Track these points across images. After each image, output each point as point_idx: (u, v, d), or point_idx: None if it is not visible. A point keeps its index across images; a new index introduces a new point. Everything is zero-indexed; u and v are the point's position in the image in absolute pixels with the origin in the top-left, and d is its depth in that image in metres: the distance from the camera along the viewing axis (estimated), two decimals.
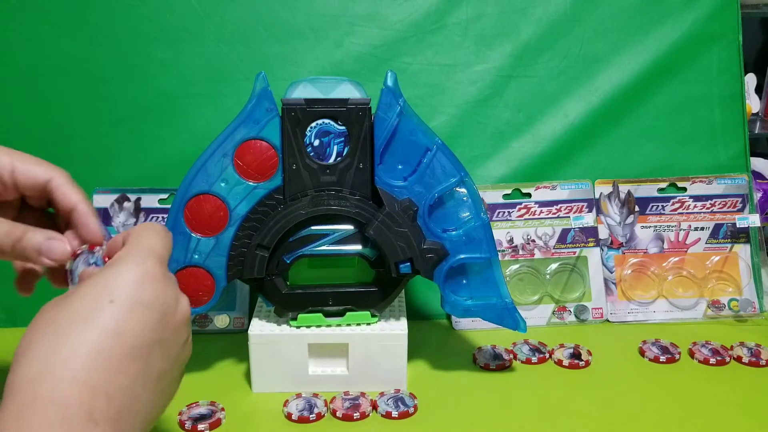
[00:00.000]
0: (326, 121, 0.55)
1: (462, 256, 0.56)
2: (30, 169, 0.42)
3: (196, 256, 0.55)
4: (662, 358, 0.63)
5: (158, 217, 0.72)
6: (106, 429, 0.31)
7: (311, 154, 0.56)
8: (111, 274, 0.35)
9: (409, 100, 0.76)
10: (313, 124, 0.55)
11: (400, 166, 0.56)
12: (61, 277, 0.42)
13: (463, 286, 0.57)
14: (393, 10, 0.76)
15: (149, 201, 0.72)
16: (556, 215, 0.73)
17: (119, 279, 0.35)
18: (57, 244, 0.40)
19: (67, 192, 0.41)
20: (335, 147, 0.56)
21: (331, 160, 0.56)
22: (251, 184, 0.55)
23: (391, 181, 0.55)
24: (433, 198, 0.56)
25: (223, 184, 0.54)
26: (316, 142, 0.56)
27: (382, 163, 0.55)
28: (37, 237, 0.40)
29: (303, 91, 0.55)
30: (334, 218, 0.56)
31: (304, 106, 0.55)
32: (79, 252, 0.40)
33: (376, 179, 0.55)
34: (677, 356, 0.63)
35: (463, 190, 0.57)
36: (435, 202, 0.56)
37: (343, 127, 0.55)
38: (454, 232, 0.56)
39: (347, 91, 0.55)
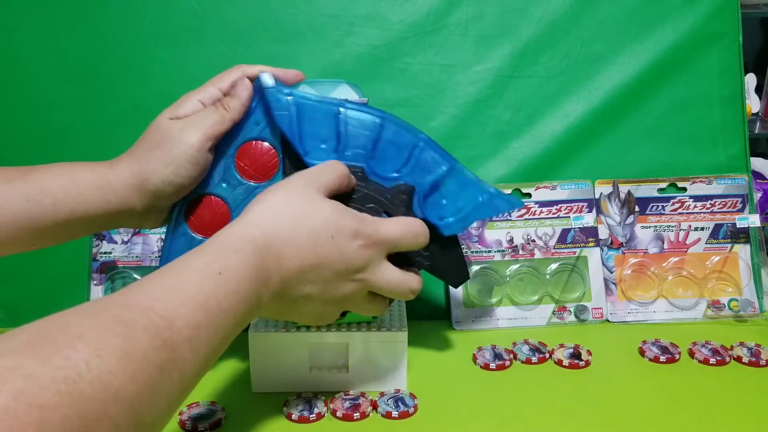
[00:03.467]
0: None
1: (428, 179, 0.55)
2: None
3: None
4: (662, 358, 0.63)
5: None
6: (267, 297, 0.43)
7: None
8: (345, 217, 0.47)
9: (408, 100, 0.77)
10: None
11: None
12: None
13: (445, 206, 0.56)
14: (393, 10, 0.76)
15: None
16: (556, 215, 0.73)
17: (345, 226, 0.46)
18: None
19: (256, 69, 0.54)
20: None
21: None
22: (253, 184, 0.55)
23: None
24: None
25: (224, 185, 0.54)
26: None
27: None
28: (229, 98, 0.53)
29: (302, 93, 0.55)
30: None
31: None
32: None
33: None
34: (677, 356, 0.63)
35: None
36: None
37: None
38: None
39: (345, 92, 0.56)
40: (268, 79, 0.53)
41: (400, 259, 0.54)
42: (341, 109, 0.53)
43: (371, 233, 0.47)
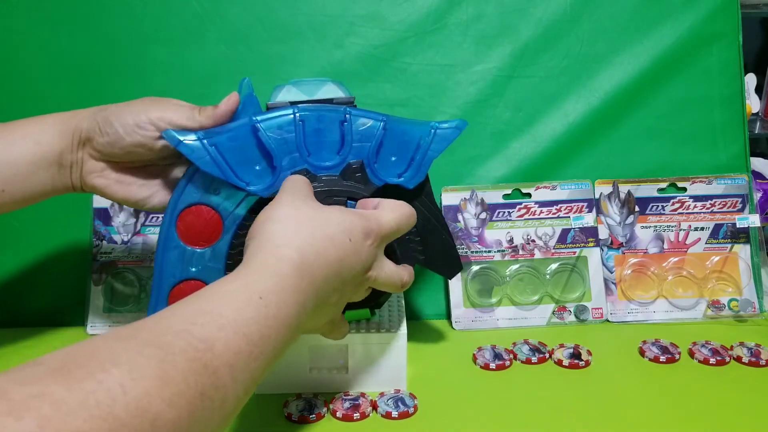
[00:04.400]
0: None
1: (369, 145, 0.54)
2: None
3: (193, 269, 0.54)
4: (662, 358, 0.63)
5: (158, 218, 0.72)
6: (306, 317, 0.42)
7: None
8: (355, 219, 0.46)
9: (409, 100, 0.77)
10: None
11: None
12: None
13: (396, 162, 0.55)
14: (393, 10, 0.76)
15: None
16: (556, 215, 0.73)
17: (357, 228, 0.46)
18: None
19: None
20: None
21: None
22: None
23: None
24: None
25: (214, 196, 0.54)
26: None
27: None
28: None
29: (287, 94, 0.55)
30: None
31: None
32: None
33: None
34: (677, 356, 0.63)
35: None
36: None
37: None
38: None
39: (331, 91, 0.56)
40: (174, 136, 0.51)
41: (396, 254, 0.54)
42: (257, 124, 0.52)
43: (377, 229, 0.47)
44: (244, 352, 0.35)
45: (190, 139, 0.51)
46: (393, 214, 0.49)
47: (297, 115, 0.53)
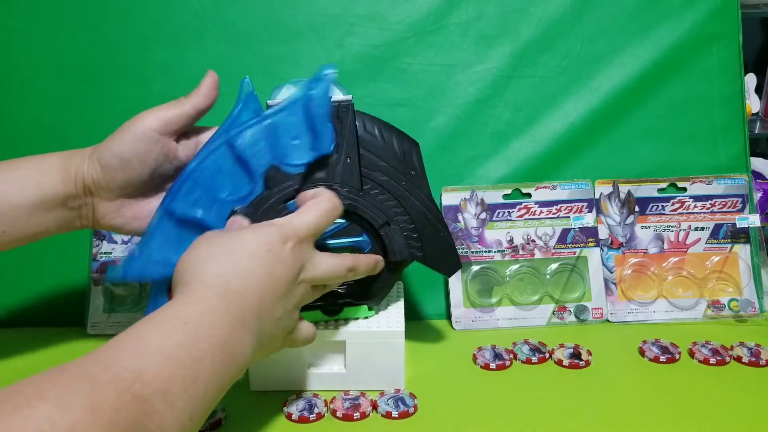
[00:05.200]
0: None
1: (270, 147, 0.54)
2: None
3: None
4: (662, 358, 0.63)
5: None
6: (249, 336, 0.41)
7: None
8: (268, 230, 0.46)
9: (408, 101, 0.77)
10: None
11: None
12: None
13: (300, 145, 0.55)
14: (393, 10, 0.76)
15: None
16: (556, 215, 0.73)
17: (273, 236, 0.45)
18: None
19: None
20: None
21: None
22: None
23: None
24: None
25: None
26: None
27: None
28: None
29: (287, 93, 0.56)
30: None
31: None
32: None
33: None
34: (677, 356, 0.63)
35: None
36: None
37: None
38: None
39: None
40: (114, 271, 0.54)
41: (385, 248, 0.56)
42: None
43: (292, 232, 0.47)
44: (178, 376, 0.35)
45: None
46: (308, 214, 0.49)
47: (195, 166, 0.53)
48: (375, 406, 0.55)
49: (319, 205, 0.49)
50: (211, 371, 0.37)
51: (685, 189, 0.74)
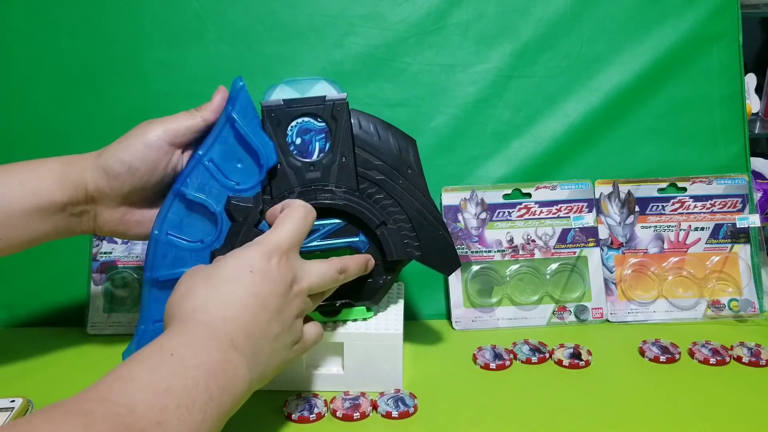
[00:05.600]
0: (306, 119, 0.56)
1: (213, 184, 0.55)
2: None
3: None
4: (662, 358, 0.63)
5: None
6: (242, 358, 0.41)
7: (294, 153, 0.56)
8: (249, 251, 0.45)
9: (408, 100, 0.77)
10: (294, 123, 0.56)
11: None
12: None
13: (244, 165, 0.55)
14: (393, 10, 0.76)
15: None
16: (556, 215, 0.73)
17: (254, 256, 0.45)
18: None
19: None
20: (317, 144, 0.57)
21: (314, 157, 0.56)
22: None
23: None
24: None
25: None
26: (298, 141, 0.56)
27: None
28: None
29: (281, 93, 0.56)
30: (323, 213, 0.56)
31: (283, 107, 0.56)
32: None
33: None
34: (677, 356, 0.63)
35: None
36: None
37: (323, 124, 0.56)
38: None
39: (324, 89, 0.56)
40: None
41: (383, 249, 0.56)
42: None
43: (275, 247, 0.46)
44: (171, 406, 0.35)
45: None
46: (285, 225, 0.48)
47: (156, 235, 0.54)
48: (375, 406, 0.55)
49: (293, 214, 0.49)
50: (206, 398, 0.38)
51: (685, 189, 0.74)
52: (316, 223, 0.56)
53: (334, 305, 0.58)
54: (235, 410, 0.41)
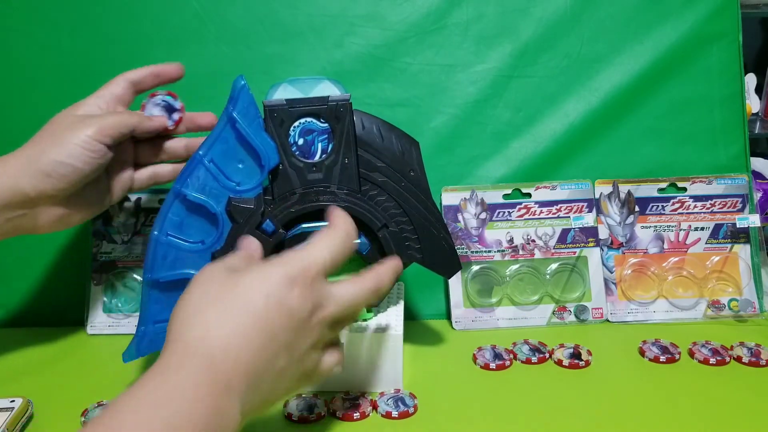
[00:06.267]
0: (309, 119, 0.56)
1: (214, 185, 0.55)
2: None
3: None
4: (662, 358, 0.63)
5: None
6: (235, 400, 0.38)
7: (297, 153, 0.56)
8: (271, 271, 0.41)
9: (408, 100, 0.77)
10: (296, 124, 0.56)
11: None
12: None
13: (246, 165, 0.55)
14: (393, 10, 0.76)
15: (149, 201, 0.72)
16: (556, 215, 0.73)
17: (275, 279, 0.41)
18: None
19: (136, 73, 0.60)
20: (320, 144, 0.56)
21: (317, 158, 0.56)
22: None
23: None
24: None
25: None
26: (301, 141, 0.56)
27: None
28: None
29: (283, 92, 0.56)
30: (324, 214, 0.56)
31: (285, 107, 0.55)
32: (158, 93, 0.60)
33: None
34: (677, 356, 0.63)
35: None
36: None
37: (326, 124, 0.56)
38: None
39: (327, 89, 0.56)
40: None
41: (385, 253, 0.56)
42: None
43: (302, 271, 0.41)
44: None
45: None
46: (322, 246, 0.43)
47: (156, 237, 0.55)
48: (375, 406, 0.55)
49: (333, 235, 0.44)
50: None
51: (685, 189, 0.74)
52: (316, 224, 0.56)
53: None
54: None
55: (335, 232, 0.45)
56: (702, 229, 0.73)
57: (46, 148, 0.53)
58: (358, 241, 0.56)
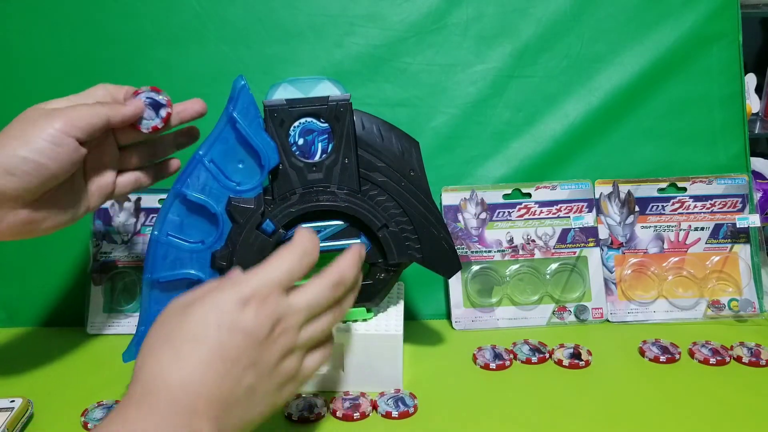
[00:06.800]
0: (309, 119, 0.56)
1: (214, 185, 0.55)
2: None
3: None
4: (662, 358, 0.63)
5: None
6: (208, 422, 0.38)
7: (297, 153, 0.56)
8: (223, 298, 0.40)
9: (408, 100, 0.77)
10: (296, 124, 0.56)
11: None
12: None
13: (246, 165, 0.55)
14: (393, 10, 0.76)
15: (149, 201, 0.72)
16: (556, 215, 0.73)
17: (227, 305, 0.40)
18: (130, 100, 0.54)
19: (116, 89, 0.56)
20: (320, 144, 0.56)
21: (317, 158, 0.56)
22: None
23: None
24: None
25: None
26: (301, 141, 0.56)
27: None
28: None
29: (283, 92, 0.56)
30: (324, 214, 0.56)
31: (285, 107, 0.55)
32: (141, 90, 0.55)
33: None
34: (677, 356, 0.63)
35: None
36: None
37: (326, 124, 0.56)
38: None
39: (327, 89, 0.56)
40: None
41: (386, 253, 0.56)
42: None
43: (253, 291, 0.41)
44: None
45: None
46: (276, 264, 0.42)
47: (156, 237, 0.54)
48: (375, 406, 0.55)
49: (291, 250, 0.43)
50: None
51: (685, 189, 0.74)
52: (317, 224, 0.56)
53: None
54: None
55: (292, 248, 0.43)
56: (702, 229, 0.73)
57: (9, 144, 0.47)
58: (339, 222, 0.56)
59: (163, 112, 0.55)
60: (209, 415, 0.38)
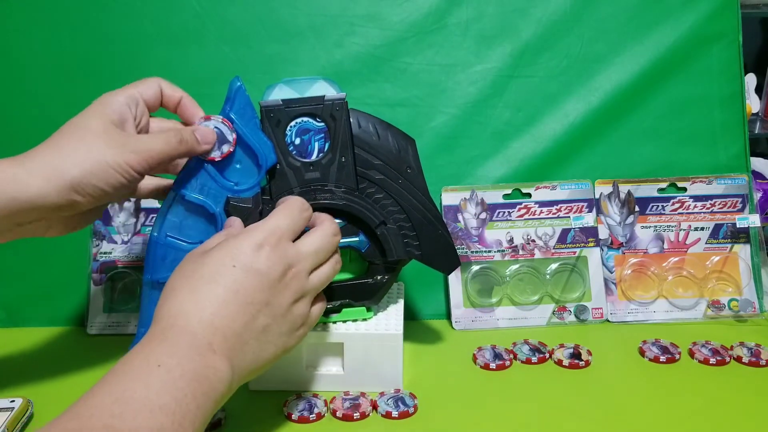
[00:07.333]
0: (305, 119, 0.56)
1: (213, 185, 0.54)
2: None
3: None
4: (662, 358, 0.63)
5: None
6: (222, 358, 0.41)
7: (294, 153, 0.56)
8: (237, 242, 0.45)
9: (408, 100, 0.77)
10: (293, 123, 0.56)
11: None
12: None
13: (244, 166, 0.55)
14: (393, 10, 0.76)
15: (149, 201, 0.72)
16: (556, 215, 0.73)
17: (242, 248, 0.44)
18: (202, 129, 0.53)
19: (171, 89, 0.56)
20: (316, 144, 0.56)
21: (314, 157, 0.56)
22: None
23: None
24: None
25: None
26: (297, 141, 0.56)
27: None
28: (187, 129, 0.52)
29: (279, 93, 0.56)
30: (323, 213, 0.56)
31: (282, 107, 0.56)
32: (211, 118, 0.54)
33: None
34: (677, 356, 0.63)
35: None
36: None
37: (322, 124, 0.56)
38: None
39: (322, 88, 0.56)
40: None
41: (384, 251, 0.56)
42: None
43: (267, 233, 0.45)
44: (167, 423, 0.36)
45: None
46: (280, 214, 0.47)
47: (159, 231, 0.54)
48: (375, 406, 0.55)
49: (289, 206, 0.48)
50: (194, 408, 0.38)
51: (685, 189, 0.74)
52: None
53: (333, 305, 0.58)
54: (217, 409, 0.41)
55: (289, 204, 0.49)
56: (702, 229, 0.73)
57: (77, 162, 0.47)
58: (338, 220, 0.56)
59: (225, 148, 0.53)
60: (224, 352, 0.41)
